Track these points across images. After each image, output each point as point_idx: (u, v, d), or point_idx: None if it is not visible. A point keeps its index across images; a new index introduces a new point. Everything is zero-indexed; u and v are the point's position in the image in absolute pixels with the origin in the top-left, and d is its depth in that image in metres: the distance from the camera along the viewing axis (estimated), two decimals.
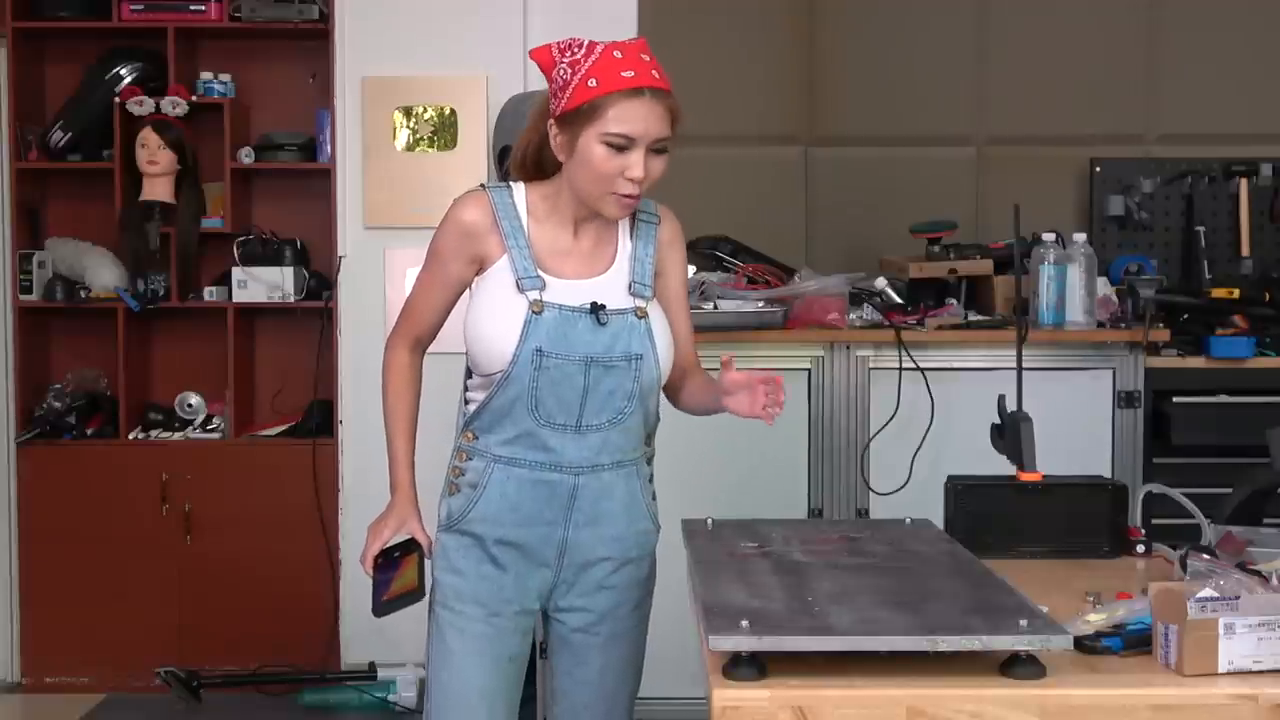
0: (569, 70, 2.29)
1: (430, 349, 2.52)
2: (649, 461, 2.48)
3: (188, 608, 4.68)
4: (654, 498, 2.49)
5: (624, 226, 2.43)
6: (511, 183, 2.44)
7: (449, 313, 2.46)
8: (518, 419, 2.35)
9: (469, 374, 2.44)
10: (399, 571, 2.45)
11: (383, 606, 2.43)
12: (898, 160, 4.93)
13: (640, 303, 2.39)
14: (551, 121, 2.32)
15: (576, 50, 2.30)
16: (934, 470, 3.41)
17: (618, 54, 2.28)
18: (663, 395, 2.49)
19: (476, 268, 2.39)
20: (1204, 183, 4.74)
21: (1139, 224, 4.76)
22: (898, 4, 4.98)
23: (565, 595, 2.44)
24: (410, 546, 2.46)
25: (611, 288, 2.38)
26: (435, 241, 2.42)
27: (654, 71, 2.29)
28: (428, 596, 2.44)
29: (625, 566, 2.44)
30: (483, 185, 2.43)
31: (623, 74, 2.26)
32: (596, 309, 2.34)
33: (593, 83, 2.26)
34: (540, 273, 2.35)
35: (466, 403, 2.43)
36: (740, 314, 4.02)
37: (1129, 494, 2.60)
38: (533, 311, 2.31)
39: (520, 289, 2.33)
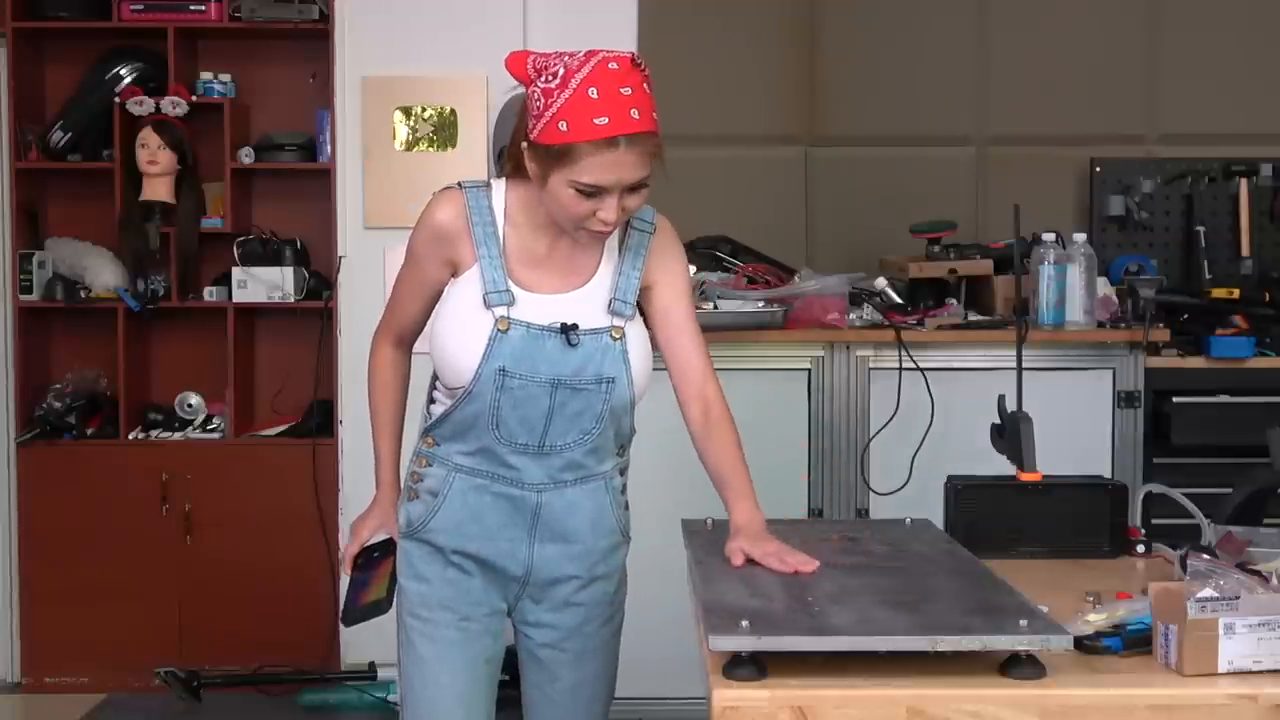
0: (542, 99, 2.12)
1: (416, 348, 2.47)
2: (622, 472, 2.39)
3: (188, 608, 4.67)
4: (626, 508, 2.41)
5: (614, 235, 2.29)
6: (493, 180, 2.32)
7: (430, 310, 2.36)
8: (479, 435, 2.26)
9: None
10: (376, 574, 2.43)
11: (351, 615, 2.41)
12: (898, 160, 4.93)
13: (618, 322, 2.27)
14: (525, 144, 2.18)
15: (551, 77, 2.11)
16: (934, 470, 3.41)
17: (593, 92, 2.08)
18: (685, 418, 2.37)
19: (451, 270, 2.29)
20: (1204, 183, 4.75)
21: (1139, 224, 4.76)
22: (898, 4, 4.98)
23: (532, 611, 2.37)
24: (389, 547, 2.43)
25: (588, 303, 2.27)
26: (410, 241, 2.33)
27: (633, 111, 2.09)
28: (396, 603, 2.39)
29: (593, 583, 2.37)
30: (460, 184, 2.30)
31: (595, 121, 2.07)
32: (567, 329, 2.23)
33: (563, 126, 2.09)
34: (511, 285, 2.24)
35: (432, 401, 2.36)
36: (740, 314, 4.02)
37: (1129, 494, 2.60)
38: (498, 329, 2.21)
39: (487, 304, 2.23)
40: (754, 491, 2.31)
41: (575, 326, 2.24)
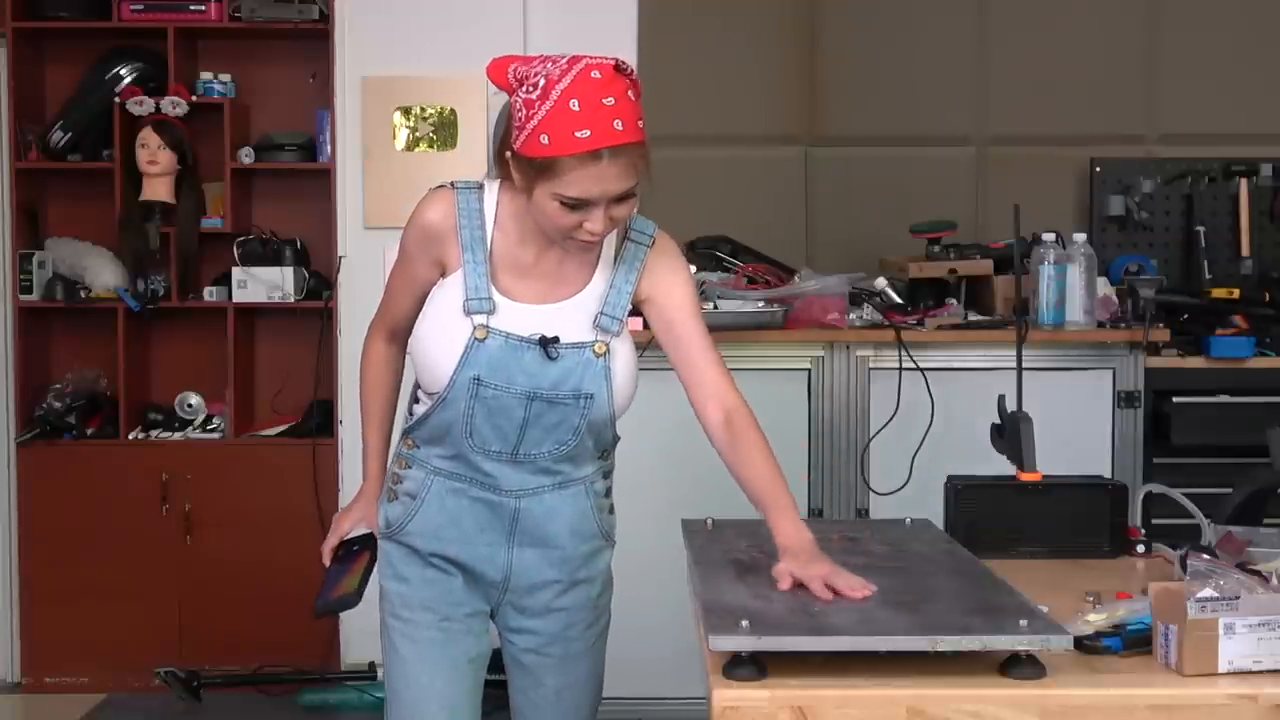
0: (524, 110, 2.07)
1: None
2: (606, 475, 2.36)
3: (188, 608, 4.68)
4: (610, 511, 2.38)
5: (608, 246, 2.26)
6: (487, 181, 2.27)
7: (421, 307, 2.31)
8: (454, 441, 2.24)
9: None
10: (352, 568, 2.42)
11: (322, 607, 2.40)
12: (898, 160, 4.93)
13: (603, 337, 2.22)
14: (509, 153, 2.14)
15: (532, 88, 2.06)
16: (934, 470, 3.42)
17: (574, 104, 2.02)
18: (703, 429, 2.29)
19: (440, 270, 2.26)
20: (1204, 183, 4.75)
21: (1139, 224, 4.76)
22: (898, 4, 4.98)
23: (514, 617, 2.36)
24: (368, 541, 2.42)
25: (573, 316, 2.23)
26: (402, 238, 2.30)
27: (617, 121, 2.03)
28: (378, 604, 2.38)
29: (575, 588, 2.35)
30: (452, 184, 2.27)
31: (577, 134, 2.02)
32: (546, 343, 2.19)
33: (545, 140, 2.04)
34: (494, 292, 2.21)
35: (416, 401, 2.35)
36: (740, 314, 4.02)
37: (1129, 494, 2.60)
38: (475, 338, 2.18)
39: (466, 311, 2.20)
40: (795, 504, 2.21)
41: (556, 339, 2.20)
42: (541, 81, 2.06)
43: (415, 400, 2.36)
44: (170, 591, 4.68)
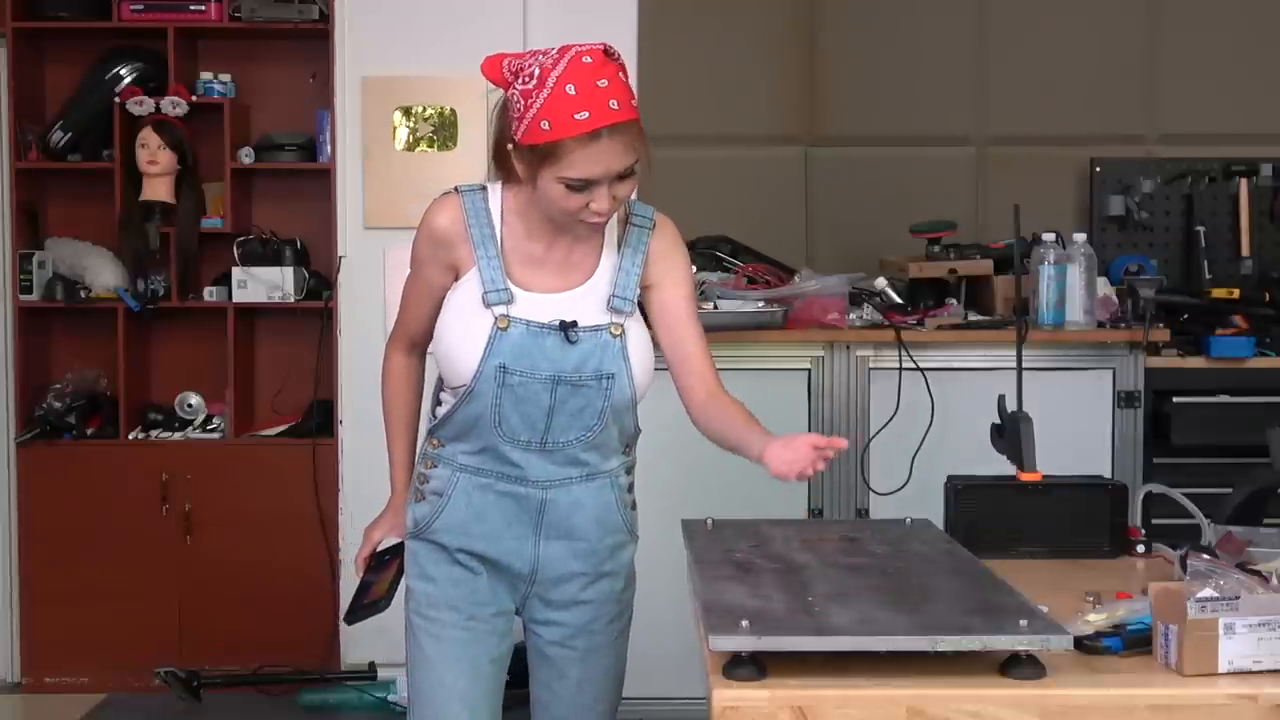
0: (521, 101, 2.16)
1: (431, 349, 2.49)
2: (629, 471, 2.41)
3: (188, 608, 4.67)
4: (633, 507, 2.43)
5: (611, 232, 2.33)
6: (489, 183, 2.35)
7: (438, 315, 2.37)
8: (482, 433, 2.29)
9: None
10: (383, 576, 2.46)
11: (354, 614, 2.45)
12: (898, 160, 4.94)
13: (617, 319, 2.29)
14: (511, 145, 2.22)
15: (528, 79, 2.15)
16: (934, 470, 3.42)
17: (570, 88, 2.11)
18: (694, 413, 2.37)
19: (453, 274, 2.32)
20: (1204, 183, 4.75)
21: (1139, 224, 4.76)
22: (898, 4, 4.99)
23: (540, 609, 2.39)
24: (398, 551, 2.46)
25: (587, 301, 2.30)
26: (413, 247, 2.37)
27: (612, 101, 2.13)
28: (404, 604, 2.41)
29: (599, 581, 2.39)
30: (456, 188, 2.35)
31: (576, 116, 2.11)
32: (566, 327, 2.26)
33: (545, 125, 2.13)
34: (510, 285, 2.28)
35: (438, 403, 2.39)
36: (740, 314, 4.02)
37: (1129, 494, 2.60)
38: (498, 327, 2.25)
39: (486, 303, 2.26)
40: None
41: (574, 324, 2.27)
42: (536, 71, 2.15)
43: (437, 402, 2.40)
44: (170, 591, 4.67)
